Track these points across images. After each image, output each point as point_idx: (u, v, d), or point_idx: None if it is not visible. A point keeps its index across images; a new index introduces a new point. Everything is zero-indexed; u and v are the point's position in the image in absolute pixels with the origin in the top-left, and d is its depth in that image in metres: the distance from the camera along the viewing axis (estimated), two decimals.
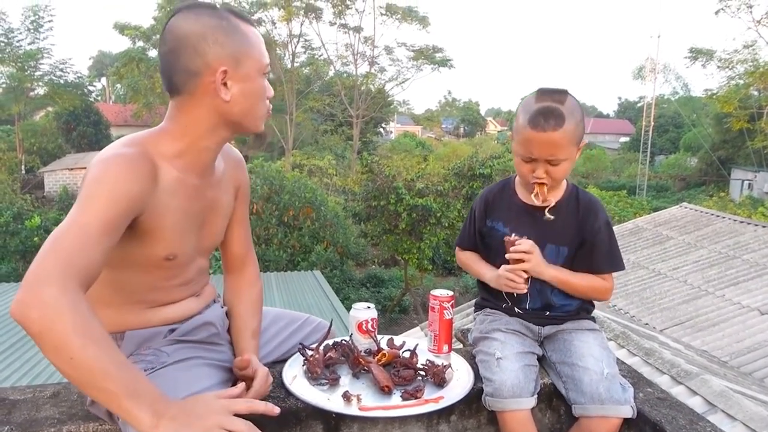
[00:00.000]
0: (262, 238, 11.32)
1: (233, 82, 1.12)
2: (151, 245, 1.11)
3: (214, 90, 1.10)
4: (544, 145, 1.33)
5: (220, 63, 1.09)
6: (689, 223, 7.37)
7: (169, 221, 1.11)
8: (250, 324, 1.33)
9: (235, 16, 1.14)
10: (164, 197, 1.10)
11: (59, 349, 0.83)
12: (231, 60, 1.10)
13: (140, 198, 1.03)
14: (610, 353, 1.40)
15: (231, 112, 1.14)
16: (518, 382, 1.30)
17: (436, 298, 1.48)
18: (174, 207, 1.12)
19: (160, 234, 1.11)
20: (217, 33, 1.10)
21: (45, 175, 19.74)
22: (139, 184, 1.03)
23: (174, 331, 1.21)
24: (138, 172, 1.03)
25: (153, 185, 1.07)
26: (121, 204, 0.99)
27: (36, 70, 20.45)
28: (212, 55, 1.09)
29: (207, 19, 1.10)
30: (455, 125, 54.49)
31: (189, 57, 1.09)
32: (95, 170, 1.02)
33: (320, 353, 1.34)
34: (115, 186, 0.99)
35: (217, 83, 1.10)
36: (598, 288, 1.46)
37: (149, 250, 1.11)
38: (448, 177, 11.04)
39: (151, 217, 1.08)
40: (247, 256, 1.42)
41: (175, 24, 1.10)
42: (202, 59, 1.09)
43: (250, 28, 1.16)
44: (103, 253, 0.95)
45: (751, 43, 16.53)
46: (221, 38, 1.10)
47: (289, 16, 22.48)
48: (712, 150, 25.52)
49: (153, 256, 1.12)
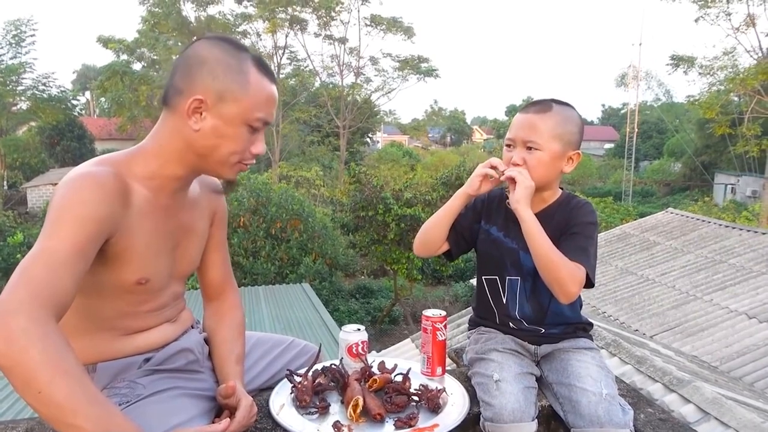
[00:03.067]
0: (250, 251, 11.21)
1: (209, 115, 1.08)
2: (122, 269, 1.06)
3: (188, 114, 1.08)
4: (524, 126, 1.37)
5: (203, 92, 1.07)
6: (675, 229, 7.43)
7: (140, 243, 1.07)
8: (234, 349, 1.28)
9: (254, 63, 1.11)
10: (135, 218, 1.06)
11: (27, 383, 0.80)
12: (214, 94, 1.07)
13: (110, 219, 1.00)
14: (609, 373, 1.36)
15: (197, 144, 1.10)
16: (519, 405, 1.25)
17: (428, 318, 1.43)
18: (145, 229, 1.08)
19: (130, 257, 1.07)
20: (218, 66, 1.08)
21: (28, 191, 19.49)
22: (109, 206, 0.99)
23: (149, 360, 1.16)
24: (107, 192, 0.99)
25: (123, 206, 1.03)
26: (89, 226, 0.95)
27: (18, 85, 20.17)
28: (200, 81, 1.07)
29: (219, 52, 1.09)
30: (442, 134, 54.78)
31: (183, 74, 1.08)
32: (62, 191, 0.98)
33: (309, 380, 1.29)
34: (83, 208, 0.95)
35: (189, 108, 1.07)
36: (564, 263, 1.27)
37: (120, 275, 1.07)
38: (436, 186, 11.05)
39: (121, 239, 1.04)
40: (226, 282, 1.37)
41: (195, 45, 1.12)
42: (191, 81, 1.08)
43: (261, 80, 1.11)
44: (74, 279, 0.91)
45: (731, 50, 16.81)
46: (218, 72, 1.08)
47: (274, 28, 22.47)
48: (695, 155, 25.87)
49: (124, 281, 1.08)
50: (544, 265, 1.30)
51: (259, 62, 1.12)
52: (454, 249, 1.51)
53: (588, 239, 1.36)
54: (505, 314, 1.47)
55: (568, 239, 1.36)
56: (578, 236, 1.36)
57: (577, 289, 1.30)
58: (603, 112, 55.87)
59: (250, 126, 1.11)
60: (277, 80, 1.18)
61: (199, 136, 1.09)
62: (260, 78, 1.11)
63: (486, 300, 1.50)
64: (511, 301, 1.46)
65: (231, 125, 1.09)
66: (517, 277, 1.44)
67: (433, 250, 1.50)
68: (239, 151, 1.12)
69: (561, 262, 1.29)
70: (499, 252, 1.46)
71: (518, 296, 1.45)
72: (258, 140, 1.15)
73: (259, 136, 1.15)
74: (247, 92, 1.09)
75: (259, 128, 1.13)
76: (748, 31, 16.32)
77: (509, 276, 1.45)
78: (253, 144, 1.14)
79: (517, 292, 1.45)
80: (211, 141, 1.10)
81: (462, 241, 1.50)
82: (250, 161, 1.16)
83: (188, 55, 1.10)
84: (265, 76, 1.12)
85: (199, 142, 1.10)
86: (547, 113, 1.36)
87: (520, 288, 1.45)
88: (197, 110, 1.08)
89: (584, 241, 1.35)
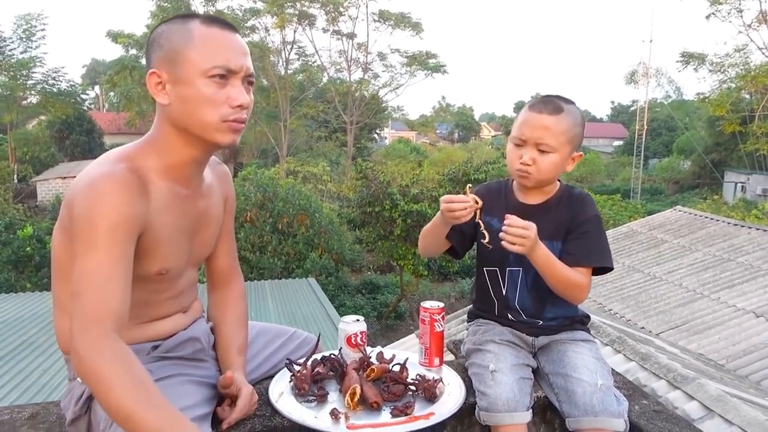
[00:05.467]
0: (257, 246, 11.25)
1: (170, 85, 1.07)
2: (145, 261, 1.08)
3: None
4: (537, 127, 1.36)
5: (156, 66, 1.07)
6: (683, 227, 7.37)
7: (162, 236, 1.09)
8: (236, 339, 1.29)
9: (201, 20, 1.08)
10: (158, 213, 1.07)
11: (100, 394, 0.93)
12: (165, 62, 1.06)
13: (138, 218, 1.02)
14: (605, 364, 1.37)
15: (175, 118, 1.09)
16: (513, 395, 1.27)
17: (426, 310, 1.44)
18: (168, 222, 1.10)
19: (154, 250, 1.08)
20: (162, 37, 1.07)
21: (38, 185, 19.63)
22: (134, 205, 1.01)
23: (157, 347, 1.18)
24: (129, 191, 1.00)
25: (146, 203, 1.04)
26: (122, 233, 0.98)
27: (28, 79, 20.36)
28: (153, 58, 1.07)
29: (165, 26, 1.09)
30: (449, 130, 54.60)
31: (146, 62, 1.09)
32: (84, 199, 0.98)
33: (308, 368, 1.30)
34: (110, 215, 0.97)
35: (150, 85, 1.07)
36: (575, 281, 1.35)
37: (142, 267, 1.08)
38: (442, 182, 11.02)
39: (146, 234, 1.05)
40: (232, 270, 1.38)
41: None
42: (148, 63, 1.08)
43: (208, 29, 1.06)
44: (123, 286, 0.97)
45: (742, 47, 16.64)
46: (163, 41, 1.07)
47: (282, 23, 22.48)
48: (705, 153, 25.65)
49: (145, 271, 1.09)
50: (557, 287, 1.37)
51: (208, 18, 1.09)
52: (459, 248, 1.51)
53: (598, 236, 1.40)
54: (505, 305, 1.48)
55: (580, 240, 1.38)
56: (589, 235, 1.39)
57: (585, 293, 1.38)
58: (612, 109, 55.51)
59: (211, 78, 1.05)
60: (237, 29, 1.12)
61: (173, 109, 1.08)
62: (207, 28, 1.06)
63: (486, 291, 1.51)
64: (511, 292, 1.46)
65: (191, 84, 1.05)
66: (518, 268, 1.44)
67: (436, 252, 1.55)
68: (216, 108, 1.06)
69: (571, 280, 1.35)
70: (501, 245, 1.45)
71: (519, 287, 1.46)
72: (234, 91, 1.07)
73: (232, 87, 1.07)
74: (193, 45, 1.05)
75: (226, 77, 1.06)
76: (761, 28, 16.15)
77: (510, 267, 1.45)
78: (229, 97, 1.07)
79: (518, 283, 1.45)
80: (184, 108, 1.06)
81: (464, 238, 1.51)
82: (237, 116, 1.08)
83: (146, 43, 1.11)
84: (214, 25, 1.08)
85: (176, 115, 1.08)
86: (560, 115, 1.36)
87: (521, 279, 1.45)
88: (158, 85, 1.07)
89: (592, 240, 1.39)
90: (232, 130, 1.10)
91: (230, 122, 1.08)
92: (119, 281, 0.96)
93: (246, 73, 1.09)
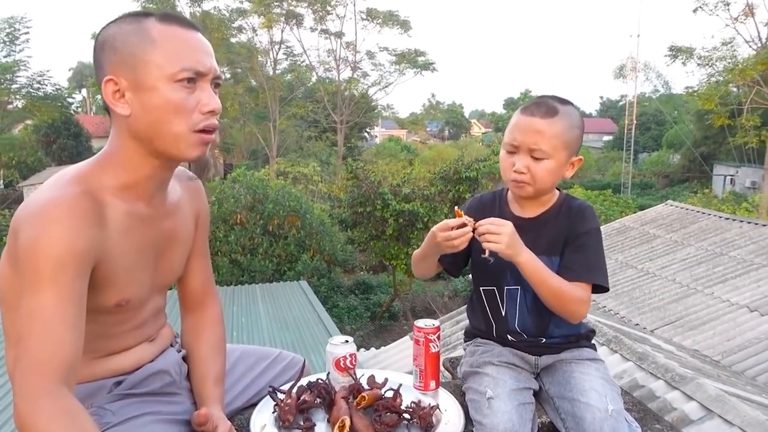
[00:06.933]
0: (247, 248, 11.15)
1: (130, 92, 0.95)
2: (102, 293, 0.97)
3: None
4: (529, 132, 1.27)
5: (111, 72, 0.95)
6: (675, 221, 7.37)
7: (122, 265, 0.98)
8: (212, 368, 1.18)
9: (158, 18, 0.97)
10: (115, 238, 0.96)
11: None
12: (122, 68, 0.95)
13: (90, 249, 0.90)
14: (615, 386, 1.27)
15: (137, 129, 0.97)
16: (512, 425, 1.17)
17: (420, 329, 1.33)
18: (127, 247, 0.99)
19: (113, 281, 0.97)
20: (116, 39, 0.96)
21: (24, 190, 19.39)
22: (85, 235, 0.89)
23: (121, 383, 1.06)
24: (79, 219, 0.89)
25: (101, 230, 0.93)
26: (70, 267, 0.87)
27: (13, 83, 20.08)
28: (106, 63, 0.96)
29: (115, 26, 0.98)
30: (440, 128, 54.65)
31: (95, 68, 0.97)
32: (29, 231, 0.87)
33: (293, 397, 1.19)
34: (57, 248, 0.85)
35: (106, 95, 0.96)
36: (572, 295, 1.24)
37: (97, 299, 0.97)
38: (434, 181, 10.97)
39: (102, 264, 0.94)
40: (207, 292, 1.26)
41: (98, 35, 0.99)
42: (99, 69, 0.97)
43: (169, 29, 0.96)
44: (73, 328, 0.87)
45: (729, 40, 16.74)
46: (117, 44, 0.95)
47: (270, 23, 22.33)
48: (694, 146, 25.81)
49: (102, 304, 0.98)
50: (552, 302, 1.26)
51: (165, 16, 0.98)
52: (453, 270, 1.42)
53: (596, 251, 1.31)
54: (504, 327, 1.38)
55: (577, 254, 1.29)
56: (586, 249, 1.29)
57: (585, 309, 1.27)
58: (601, 104, 55.78)
59: (179, 82, 0.95)
60: (198, 27, 1.02)
61: (134, 120, 0.97)
62: (167, 28, 0.96)
63: (484, 312, 1.41)
64: (510, 314, 1.37)
65: (155, 91, 0.94)
66: (516, 287, 1.35)
67: (432, 274, 1.46)
68: (184, 117, 0.96)
69: (568, 293, 1.24)
70: (497, 260, 1.33)
71: (518, 307, 1.36)
72: (204, 96, 0.98)
73: (201, 91, 0.98)
74: (154, 48, 0.94)
75: (194, 80, 0.97)
76: (747, 21, 16.28)
77: (508, 286, 1.36)
78: (199, 102, 0.97)
79: (517, 303, 1.36)
80: (147, 118, 0.96)
81: (458, 259, 1.41)
82: (207, 124, 0.99)
83: (94, 47, 0.98)
84: (174, 23, 0.97)
85: (138, 126, 0.96)
86: (554, 118, 1.26)
87: (520, 298, 1.35)
88: (116, 93, 0.96)
89: (593, 254, 1.30)
90: (203, 142, 1.00)
91: (200, 132, 0.99)
92: (67, 324, 0.85)
93: (214, 74, 1.00)
